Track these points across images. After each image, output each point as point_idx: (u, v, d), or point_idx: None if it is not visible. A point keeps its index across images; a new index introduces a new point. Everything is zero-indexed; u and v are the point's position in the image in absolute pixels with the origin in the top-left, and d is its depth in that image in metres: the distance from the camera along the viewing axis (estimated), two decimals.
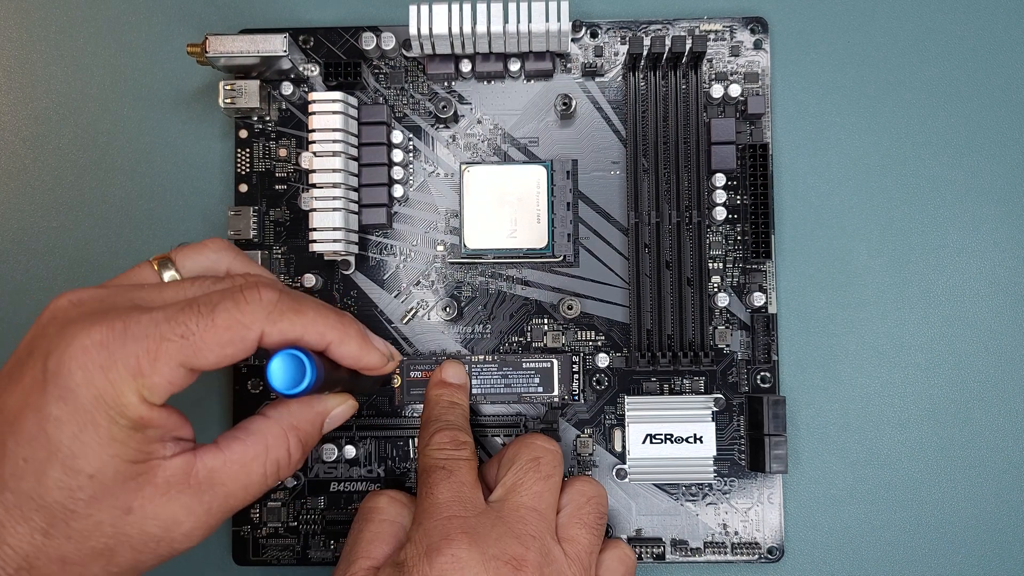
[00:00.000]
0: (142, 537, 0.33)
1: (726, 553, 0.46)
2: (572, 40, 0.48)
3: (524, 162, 0.47)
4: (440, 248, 0.48)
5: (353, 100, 0.46)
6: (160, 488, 0.33)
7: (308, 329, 0.35)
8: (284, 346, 0.34)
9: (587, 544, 0.40)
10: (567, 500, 0.41)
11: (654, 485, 0.46)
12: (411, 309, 0.47)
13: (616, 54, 0.48)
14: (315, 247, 0.45)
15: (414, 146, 0.48)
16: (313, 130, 0.45)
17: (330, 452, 0.46)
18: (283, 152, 0.48)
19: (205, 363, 0.32)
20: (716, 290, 0.46)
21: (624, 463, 0.46)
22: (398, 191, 0.48)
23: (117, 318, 0.32)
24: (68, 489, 0.31)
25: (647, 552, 0.46)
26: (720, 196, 0.47)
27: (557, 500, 0.41)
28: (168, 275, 0.37)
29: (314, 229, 0.45)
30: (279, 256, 0.48)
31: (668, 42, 0.44)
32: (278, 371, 0.33)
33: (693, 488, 0.46)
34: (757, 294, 0.46)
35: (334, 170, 0.45)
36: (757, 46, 0.47)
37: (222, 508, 0.34)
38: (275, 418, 0.36)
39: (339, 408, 0.39)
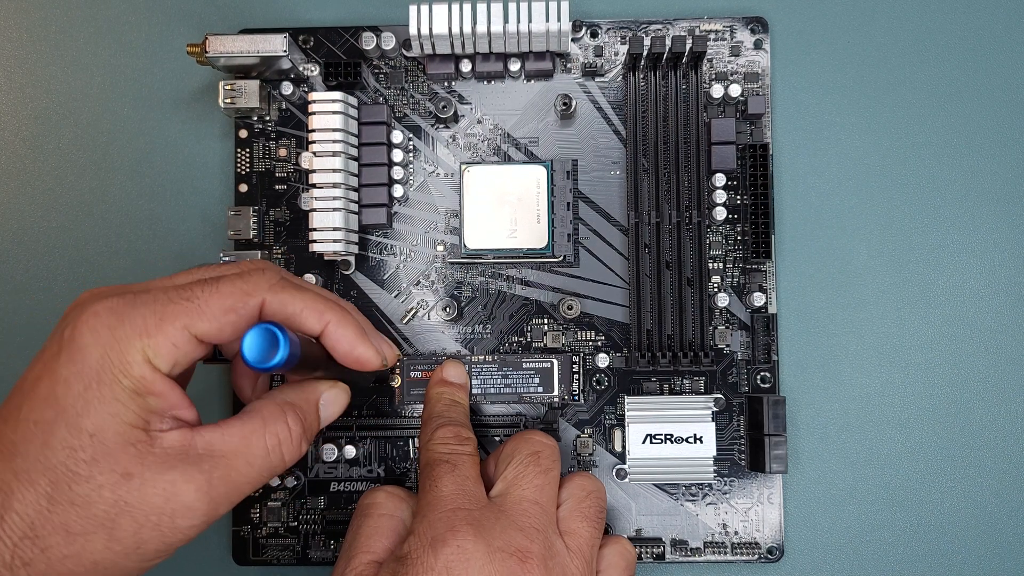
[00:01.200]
0: (143, 507, 0.33)
1: (726, 553, 0.46)
2: (572, 40, 0.48)
3: (524, 162, 0.47)
4: (440, 248, 0.48)
5: (353, 100, 0.46)
6: (159, 457, 0.33)
7: (308, 305, 0.36)
8: (283, 320, 0.35)
9: (588, 537, 0.40)
10: (567, 494, 0.41)
11: (654, 485, 0.46)
12: (411, 309, 0.47)
13: (616, 54, 0.48)
14: (315, 247, 0.45)
15: (414, 146, 0.48)
16: (313, 130, 0.45)
17: (330, 452, 0.46)
18: (283, 152, 0.48)
19: (208, 328, 0.34)
20: (716, 290, 0.46)
21: (624, 463, 0.46)
22: (398, 191, 0.48)
23: (129, 290, 0.34)
24: (71, 448, 0.32)
25: (647, 552, 0.46)
26: (720, 196, 0.47)
27: (557, 494, 0.41)
28: None
29: (314, 229, 0.45)
30: (279, 256, 0.48)
31: (668, 42, 0.44)
32: (251, 343, 0.33)
33: (693, 488, 0.46)
34: (757, 294, 0.46)
35: (334, 170, 0.45)
36: (757, 46, 0.47)
37: (224, 481, 0.34)
38: (269, 396, 0.38)
39: (329, 391, 0.40)
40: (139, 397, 0.33)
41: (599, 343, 0.47)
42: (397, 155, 0.48)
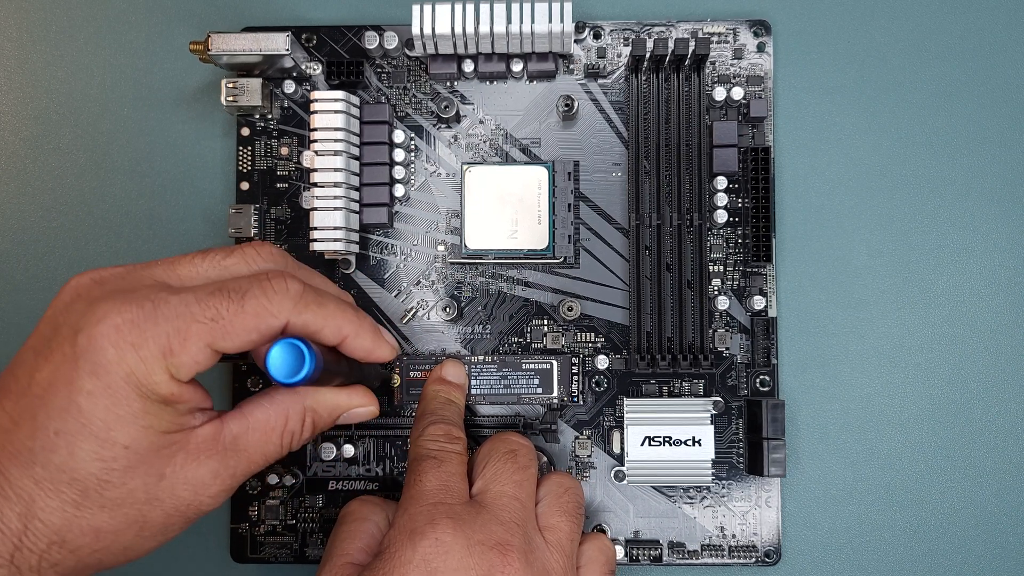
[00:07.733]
0: (173, 501, 0.34)
1: (723, 556, 0.46)
2: (575, 41, 0.47)
3: (526, 163, 0.47)
4: (441, 248, 0.48)
5: (355, 99, 0.46)
6: (191, 454, 0.34)
7: (328, 322, 0.36)
8: (304, 336, 0.35)
9: (568, 531, 0.40)
10: (545, 491, 0.41)
11: (652, 487, 0.46)
12: (411, 309, 0.47)
13: (619, 56, 0.47)
14: (316, 246, 0.45)
15: (416, 145, 0.48)
16: (315, 129, 0.45)
17: (328, 451, 0.47)
18: (285, 150, 0.48)
19: (231, 346, 0.34)
20: (716, 293, 0.46)
21: (622, 465, 0.46)
22: (399, 190, 0.48)
23: (146, 298, 0.33)
24: (103, 460, 0.32)
25: (644, 554, 0.46)
26: (721, 199, 0.47)
27: (535, 491, 0.41)
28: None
29: (315, 228, 0.45)
30: None
31: (671, 44, 0.44)
32: (277, 360, 0.34)
33: (691, 491, 0.46)
34: (757, 297, 0.46)
35: (335, 169, 0.45)
36: (760, 49, 0.47)
37: (244, 472, 0.36)
38: (300, 394, 0.38)
39: (361, 410, 0.41)
40: (169, 407, 0.33)
41: (599, 345, 0.47)
42: (399, 154, 0.48)
